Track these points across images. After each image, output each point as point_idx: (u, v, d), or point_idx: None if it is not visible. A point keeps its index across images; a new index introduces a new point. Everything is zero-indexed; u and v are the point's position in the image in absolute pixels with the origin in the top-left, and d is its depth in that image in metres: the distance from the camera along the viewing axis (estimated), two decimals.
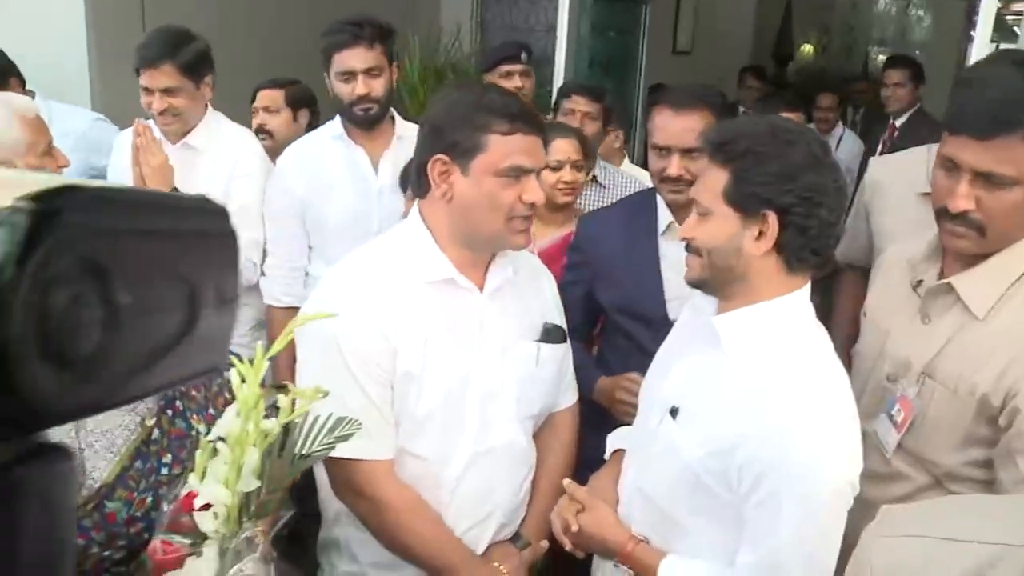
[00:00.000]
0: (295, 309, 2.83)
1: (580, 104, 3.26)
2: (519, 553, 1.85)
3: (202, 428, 1.69)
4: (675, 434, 1.56)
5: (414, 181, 1.79)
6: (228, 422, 1.28)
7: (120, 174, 2.91)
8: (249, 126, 3.21)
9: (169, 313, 0.37)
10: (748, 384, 1.47)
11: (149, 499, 1.58)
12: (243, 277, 2.83)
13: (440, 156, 1.67)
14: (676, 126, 2.04)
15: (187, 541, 1.28)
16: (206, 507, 1.28)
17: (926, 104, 4.87)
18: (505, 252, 1.79)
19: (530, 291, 1.88)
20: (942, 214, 1.62)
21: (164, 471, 1.61)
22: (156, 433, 1.62)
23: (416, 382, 1.68)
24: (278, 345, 1.30)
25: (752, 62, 7.60)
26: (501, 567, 1.80)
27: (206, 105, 2.90)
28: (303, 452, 1.36)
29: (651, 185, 2.24)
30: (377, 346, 1.64)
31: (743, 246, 1.47)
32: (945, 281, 1.67)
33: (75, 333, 0.32)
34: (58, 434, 1.52)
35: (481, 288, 1.77)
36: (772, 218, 1.44)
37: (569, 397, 2.00)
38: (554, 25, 5.06)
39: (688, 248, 1.56)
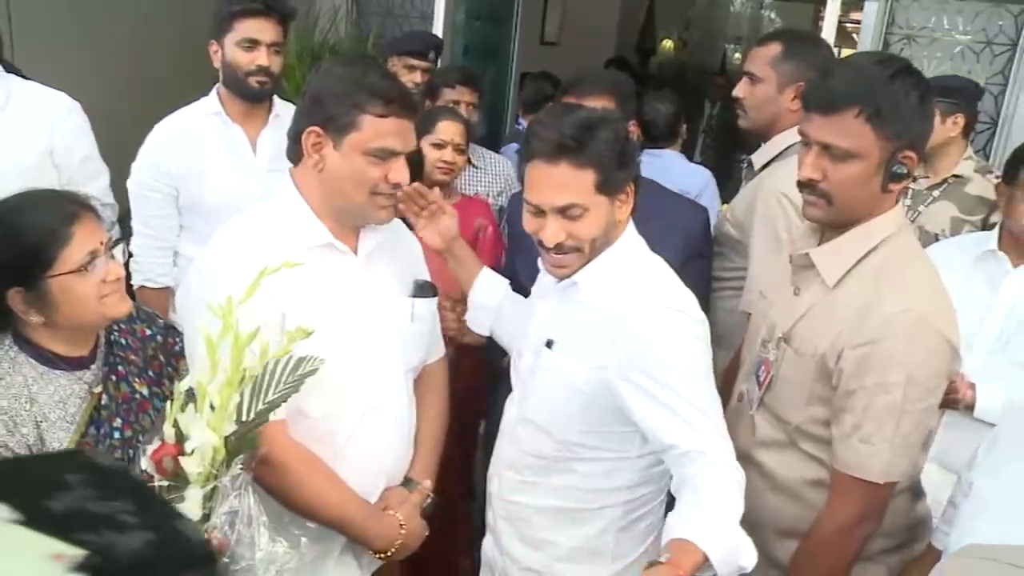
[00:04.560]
0: (168, 289, 2.83)
1: (465, 95, 3.41)
2: (410, 496, 1.94)
3: (144, 391, 1.73)
4: (557, 361, 1.77)
5: (289, 148, 1.85)
6: (201, 372, 1.37)
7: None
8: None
9: None
10: (607, 308, 1.71)
11: None
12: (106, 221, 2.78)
13: (315, 128, 1.75)
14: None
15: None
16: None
17: None
18: None
19: (400, 252, 1.99)
20: (800, 185, 1.79)
21: (116, 435, 1.65)
22: (105, 398, 1.66)
23: (306, 343, 1.77)
24: (247, 296, 1.44)
25: (616, 54, 7.92)
26: (396, 514, 1.89)
27: None
28: (276, 390, 1.48)
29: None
30: (265, 308, 1.63)
31: (615, 219, 1.72)
32: (804, 252, 1.83)
33: None
34: (13, 407, 1.56)
35: (355, 251, 1.87)
36: (630, 185, 1.71)
37: (439, 349, 2.13)
38: (428, 13, 5.19)
39: (561, 251, 1.71)
